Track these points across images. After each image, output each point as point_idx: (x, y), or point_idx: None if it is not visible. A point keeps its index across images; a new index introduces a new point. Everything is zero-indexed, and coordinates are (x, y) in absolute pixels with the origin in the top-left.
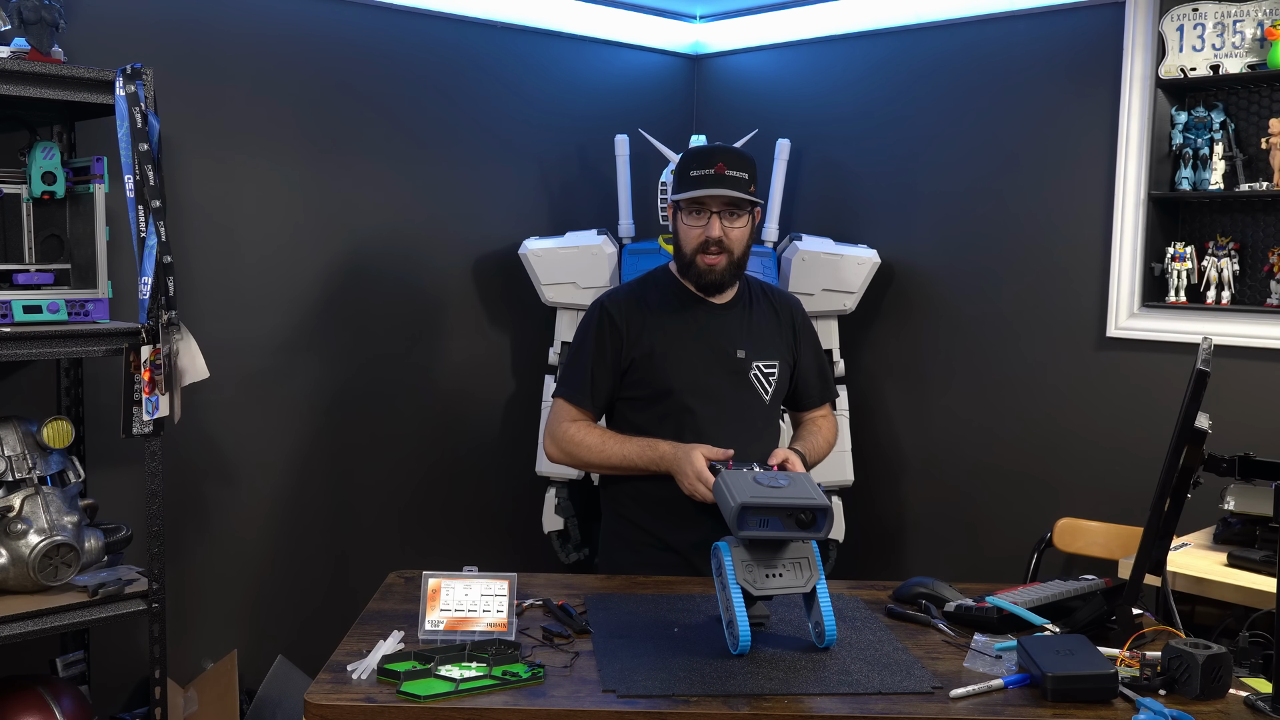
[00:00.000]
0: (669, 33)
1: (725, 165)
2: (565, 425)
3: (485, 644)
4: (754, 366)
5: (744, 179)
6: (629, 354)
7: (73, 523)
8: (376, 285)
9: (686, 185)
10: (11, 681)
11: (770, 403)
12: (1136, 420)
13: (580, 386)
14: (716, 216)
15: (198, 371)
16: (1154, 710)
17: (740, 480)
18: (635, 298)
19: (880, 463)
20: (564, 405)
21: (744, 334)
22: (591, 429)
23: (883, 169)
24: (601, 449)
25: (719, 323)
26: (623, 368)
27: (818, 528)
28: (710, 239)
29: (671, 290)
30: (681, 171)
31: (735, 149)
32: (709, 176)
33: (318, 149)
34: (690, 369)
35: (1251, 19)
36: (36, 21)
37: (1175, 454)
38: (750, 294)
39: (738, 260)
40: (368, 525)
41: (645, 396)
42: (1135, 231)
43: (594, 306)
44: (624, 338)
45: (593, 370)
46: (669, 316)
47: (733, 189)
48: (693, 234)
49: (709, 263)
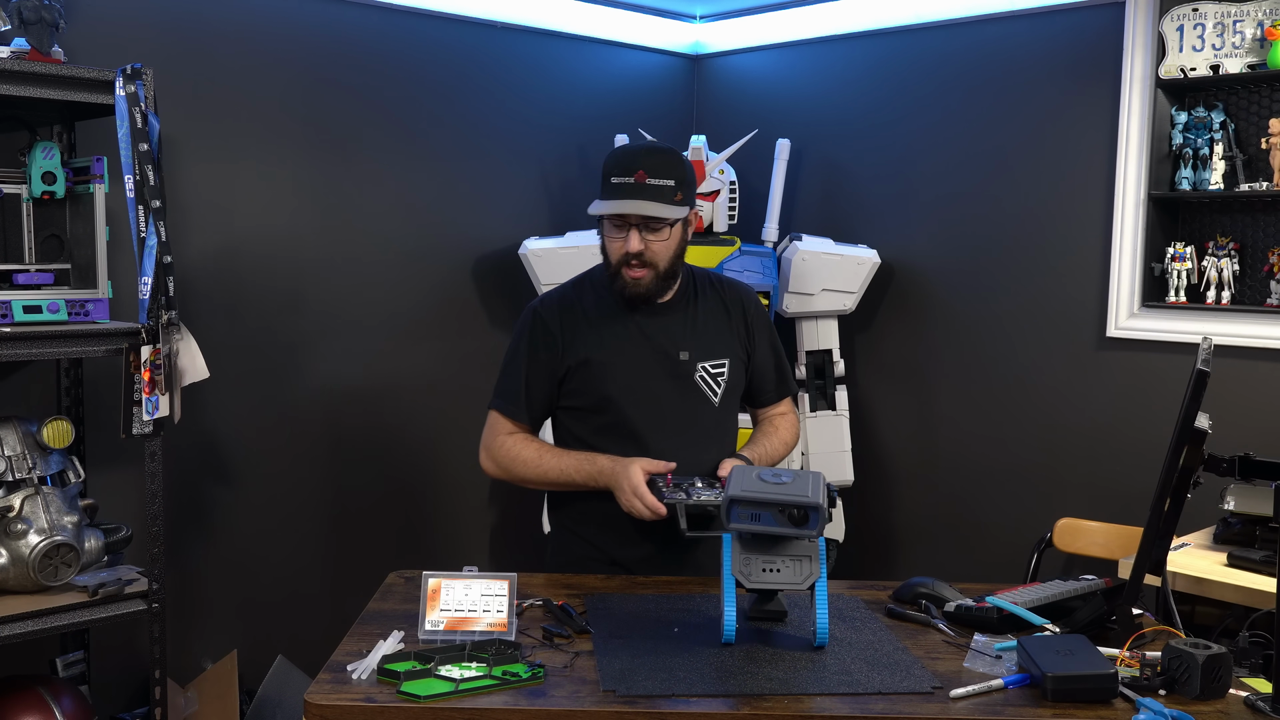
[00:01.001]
0: (669, 33)
1: (647, 173)
2: (501, 439)
3: (485, 644)
4: (699, 368)
5: (668, 187)
6: (564, 361)
7: (73, 523)
8: (376, 285)
9: (606, 193)
10: (11, 681)
11: (722, 404)
12: (1136, 420)
13: (514, 397)
14: (635, 230)
15: (198, 371)
16: (1154, 710)
17: (744, 476)
18: (569, 301)
19: (880, 463)
20: (499, 418)
21: (687, 333)
22: (528, 442)
23: (883, 169)
24: (538, 464)
25: (659, 324)
26: (559, 376)
27: (810, 525)
28: (630, 253)
29: (608, 291)
30: (604, 176)
31: (663, 151)
32: (628, 186)
33: (318, 149)
34: (629, 375)
35: (1251, 19)
36: (36, 21)
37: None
38: (695, 288)
39: (664, 272)
40: (368, 525)
41: (584, 406)
42: (1135, 231)
43: (526, 311)
44: (559, 344)
45: (527, 379)
46: (605, 320)
47: (653, 200)
48: (614, 246)
49: (633, 276)
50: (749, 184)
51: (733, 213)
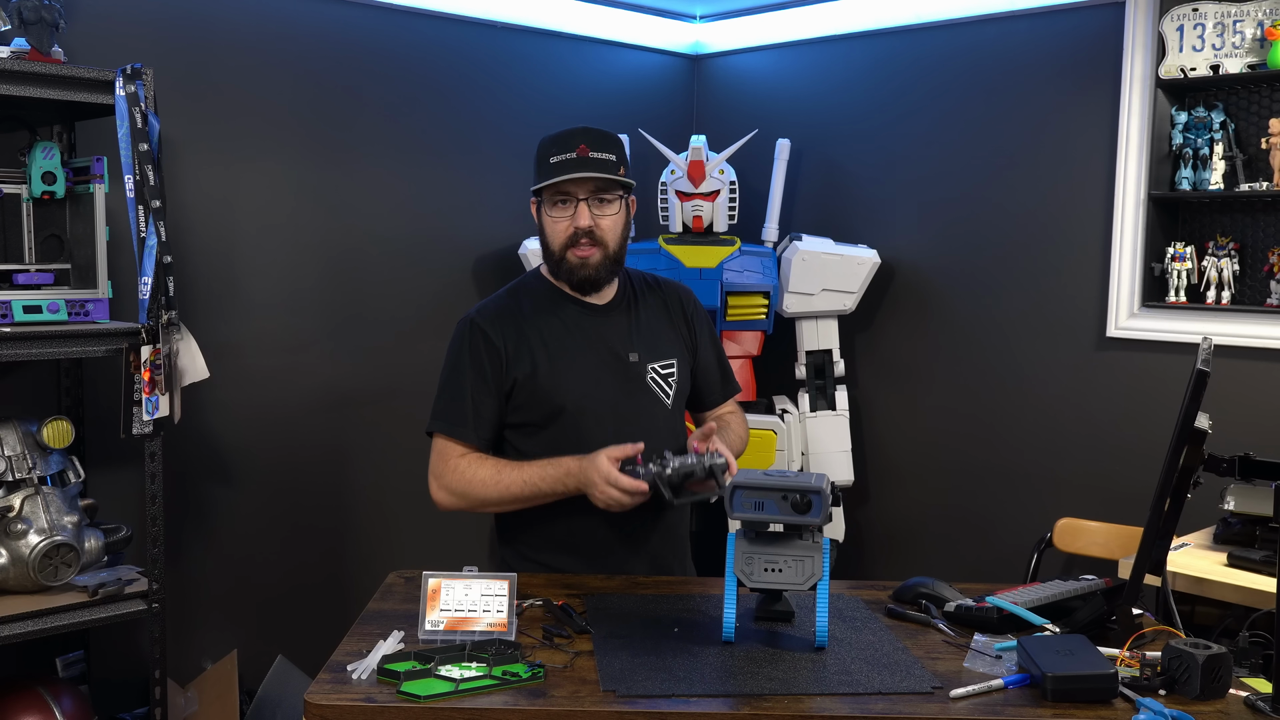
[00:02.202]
0: (669, 33)
1: (589, 147)
2: (452, 463)
3: (485, 644)
4: (650, 369)
5: (611, 160)
6: (510, 374)
7: (73, 523)
8: (376, 285)
9: (546, 173)
10: (11, 681)
11: (674, 406)
12: (1136, 420)
13: (460, 418)
14: (584, 204)
15: (198, 371)
16: (1154, 710)
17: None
18: (508, 309)
19: (880, 463)
20: (446, 443)
21: (634, 335)
22: (483, 462)
23: (883, 169)
24: (498, 481)
25: (605, 326)
26: (505, 390)
27: (813, 512)
28: (579, 229)
29: (547, 297)
30: (540, 159)
31: (598, 129)
32: (571, 161)
33: (318, 149)
34: (579, 383)
35: (1251, 19)
36: (36, 21)
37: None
38: (633, 289)
39: (613, 254)
40: (367, 525)
41: (533, 421)
42: (1135, 231)
43: (462, 324)
44: (502, 356)
45: (473, 397)
46: (548, 327)
47: (599, 171)
48: (559, 227)
49: (580, 255)
50: (749, 184)
51: (733, 213)
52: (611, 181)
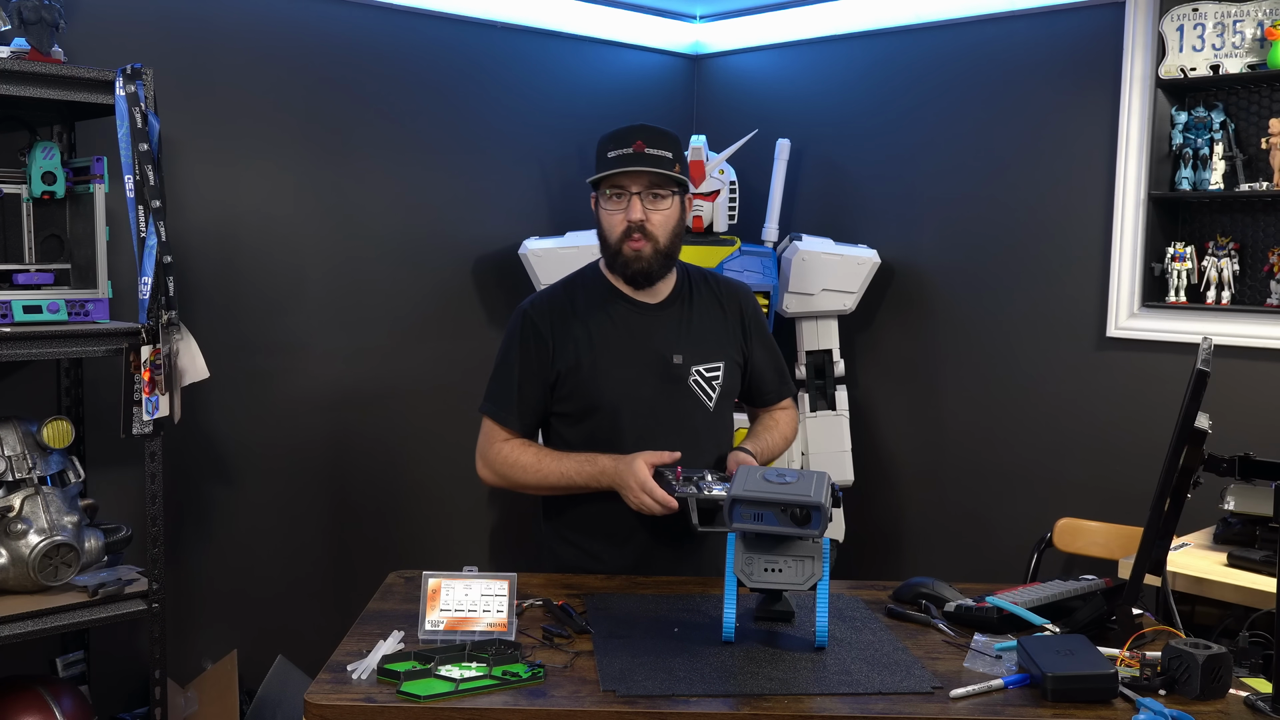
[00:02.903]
0: (669, 33)
1: (645, 144)
2: (497, 446)
3: (485, 644)
4: (694, 372)
5: (667, 158)
6: (555, 365)
7: (73, 523)
8: (376, 285)
9: (603, 166)
10: (11, 681)
11: (717, 409)
12: (1136, 420)
13: (507, 403)
14: (638, 198)
15: (198, 371)
16: (1154, 710)
17: (748, 476)
18: (561, 302)
19: (880, 463)
20: (493, 425)
21: (682, 335)
22: (525, 447)
23: (883, 169)
24: (538, 469)
25: (653, 325)
26: (550, 380)
27: (812, 525)
28: (632, 223)
29: (600, 291)
30: (599, 154)
31: (656, 127)
32: (627, 156)
33: (318, 149)
34: (620, 381)
35: (1251, 19)
36: (36, 21)
37: (1175, 454)
38: (690, 288)
39: (665, 249)
40: (368, 525)
41: (573, 412)
42: (1135, 231)
43: (516, 314)
44: (550, 348)
45: (520, 385)
46: (597, 322)
47: (654, 167)
48: (614, 219)
49: (634, 248)
50: (749, 184)
51: (733, 213)
52: (665, 178)
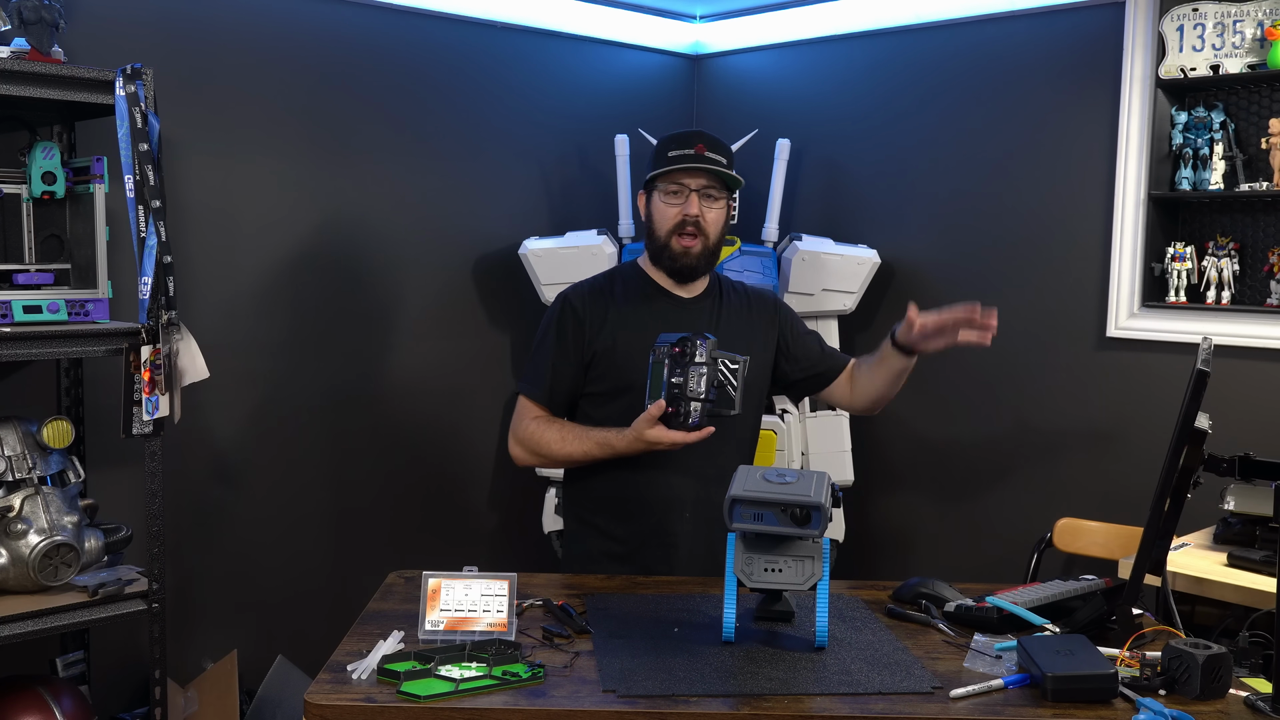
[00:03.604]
0: (669, 33)
1: (705, 147)
2: (527, 423)
3: (485, 644)
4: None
5: (723, 163)
6: (591, 346)
7: (73, 523)
8: (376, 285)
9: (666, 163)
10: (11, 681)
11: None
12: (1136, 420)
13: (540, 382)
14: (695, 195)
15: (198, 371)
16: (1154, 710)
17: (748, 476)
18: (600, 289)
19: (880, 463)
20: (526, 403)
21: (710, 327)
22: (551, 423)
23: (883, 169)
24: (561, 443)
25: (686, 316)
26: (585, 361)
27: (812, 525)
28: (688, 217)
29: (638, 283)
30: (659, 153)
31: (714, 136)
32: (689, 155)
33: (318, 149)
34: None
35: (1251, 19)
36: (36, 21)
37: (1175, 454)
38: (722, 289)
39: (712, 246)
40: (368, 525)
41: (606, 392)
42: (1135, 231)
43: (557, 299)
44: (586, 329)
45: (553, 364)
46: (633, 309)
47: (715, 167)
48: (670, 213)
49: (685, 244)
50: (749, 184)
51: (733, 213)
52: (722, 179)
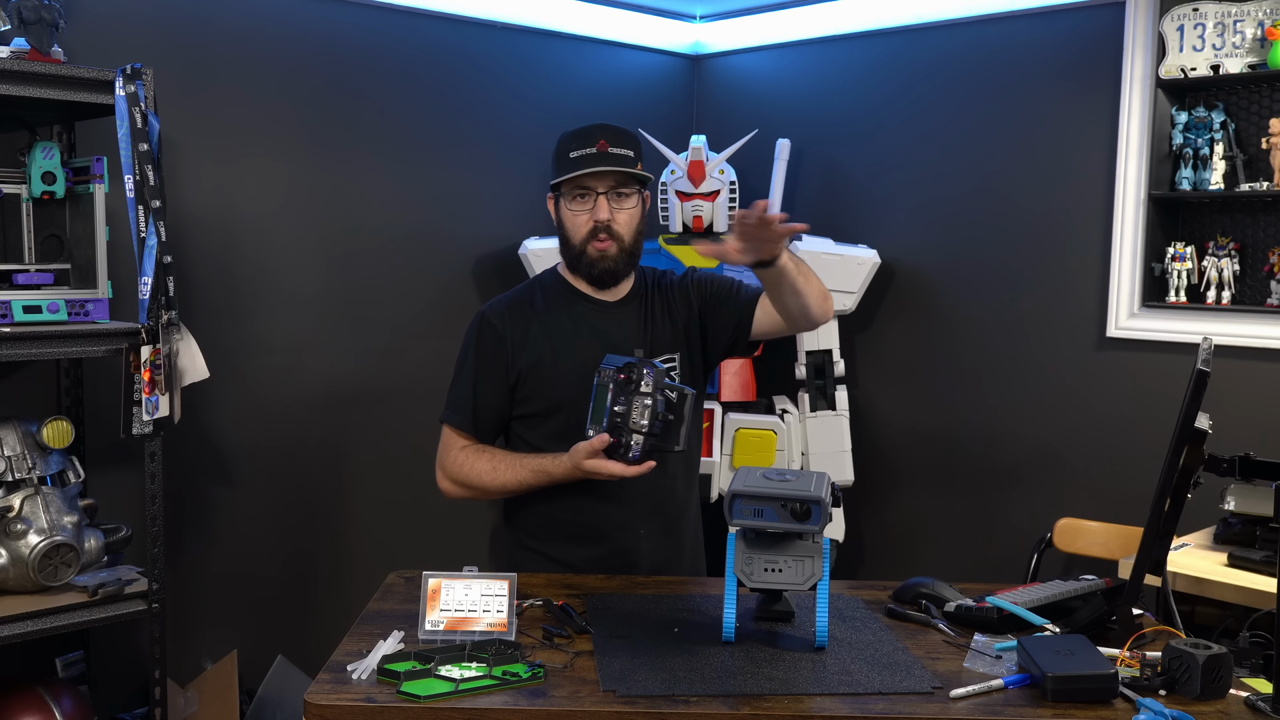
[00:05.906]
0: (669, 33)
1: (608, 143)
2: (454, 454)
3: (485, 644)
4: None
5: (629, 156)
6: (515, 365)
7: (73, 523)
8: (376, 285)
9: (567, 168)
10: (11, 681)
11: None
12: (1136, 420)
13: (463, 409)
14: (604, 198)
15: (198, 371)
16: (1154, 710)
17: (748, 474)
18: (520, 303)
19: (880, 463)
20: (450, 433)
21: (642, 331)
22: (480, 452)
23: (883, 169)
24: (494, 473)
25: (612, 323)
26: (511, 382)
27: (812, 520)
28: (599, 223)
29: (559, 292)
30: (560, 155)
31: (616, 125)
32: (591, 155)
33: (317, 149)
34: (582, 378)
35: (1251, 19)
36: (36, 21)
37: (1175, 454)
38: (647, 286)
39: (630, 247)
40: (368, 525)
41: (537, 413)
42: (1135, 231)
43: (475, 318)
44: (508, 348)
45: (475, 388)
46: (556, 320)
47: (618, 166)
48: (579, 220)
49: (600, 249)
50: (749, 184)
51: (733, 212)
52: (630, 176)
